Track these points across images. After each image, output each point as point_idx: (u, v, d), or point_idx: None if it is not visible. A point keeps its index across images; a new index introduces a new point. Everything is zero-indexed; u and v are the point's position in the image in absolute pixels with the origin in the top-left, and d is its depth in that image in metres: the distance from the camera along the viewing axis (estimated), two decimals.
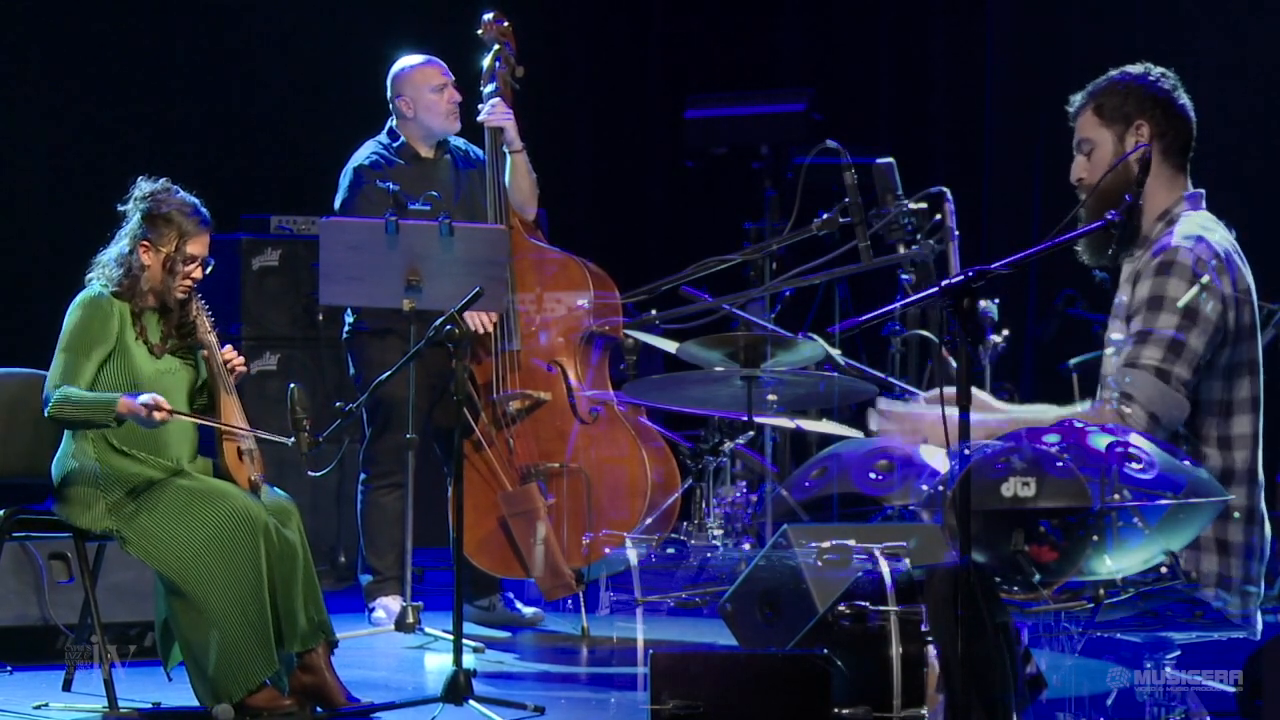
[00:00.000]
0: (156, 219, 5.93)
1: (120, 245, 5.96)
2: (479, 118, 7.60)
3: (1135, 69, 4.93)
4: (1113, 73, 4.94)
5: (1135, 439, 4.40)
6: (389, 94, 7.63)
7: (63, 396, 5.77)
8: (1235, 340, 4.70)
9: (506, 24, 7.66)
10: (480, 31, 7.67)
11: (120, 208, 6.00)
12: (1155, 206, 4.81)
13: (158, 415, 5.69)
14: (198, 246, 5.95)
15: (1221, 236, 4.78)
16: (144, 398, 5.71)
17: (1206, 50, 9.64)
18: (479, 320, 7.37)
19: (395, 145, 7.60)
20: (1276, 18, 9.71)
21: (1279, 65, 9.72)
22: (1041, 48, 10.24)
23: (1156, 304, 4.64)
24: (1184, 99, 4.90)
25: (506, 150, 7.56)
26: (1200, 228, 4.76)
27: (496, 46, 7.63)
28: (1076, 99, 4.94)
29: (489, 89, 7.61)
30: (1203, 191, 4.89)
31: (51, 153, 9.64)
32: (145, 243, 5.92)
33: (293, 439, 5.89)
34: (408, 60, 7.65)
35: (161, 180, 6.01)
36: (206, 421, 5.93)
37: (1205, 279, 4.64)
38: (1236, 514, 4.64)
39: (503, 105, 7.57)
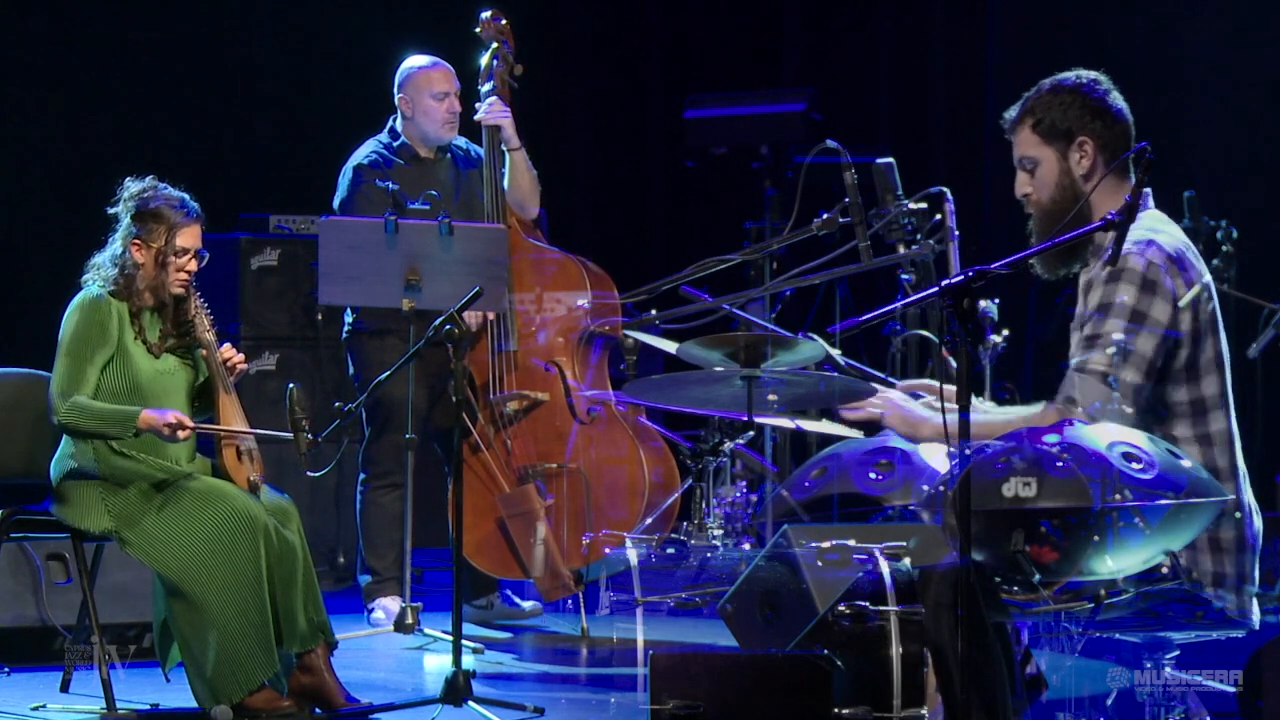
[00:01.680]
0: (145, 215, 5.94)
1: (113, 246, 5.97)
2: (476, 116, 7.60)
3: (1068, 78, 4.81)
4: (1044, 83, 4.84)
5: (1135, 438, 4.39)
6: (395, 90, 7.63)
7: (76, 406, 5.76)
8: (1196, 339, 4.68)
9: (505, 22, 7.66)
10: (478, 30, 7.67)
11: (110, 210, 6.01)
12: (1102, 213, 4.76)
13: (182, 435, 5.74)
14: (188, 238, 5.95)
15: (1172, 235, 4.75)
16: (168, 416, 5.74)
17: (1205, 49, 9.64)
18: (475, 317, 7.37)
19: (396, 144, 7.59)
20: (1276, 17, 9.71)
21: (1278, 64, 9.72)
22: (1042, 47, 10.24)
23: (1104, 310, 4.63)
24: (1120, 102, 4.81)
25: (505, 148, 7.56)
26: (1149, 230, 4.72)
27: (495, 45, 7.63)
28: (1010, 113, 4.85)
29: (487, 87, 7.60)
30: (1149, 190, 4.84)
31: (50, 152, 9.63)
32: (137, 241, 5.93)
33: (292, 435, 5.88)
34: (416, 60, 7.64)
35: (148, 178, 6.03)
36: (225, 430, 5.92)
37: (1153, 264, 4.63)
38: (1238, 514, 4.63)
39: (500, 103, 7.56)
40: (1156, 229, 4.73)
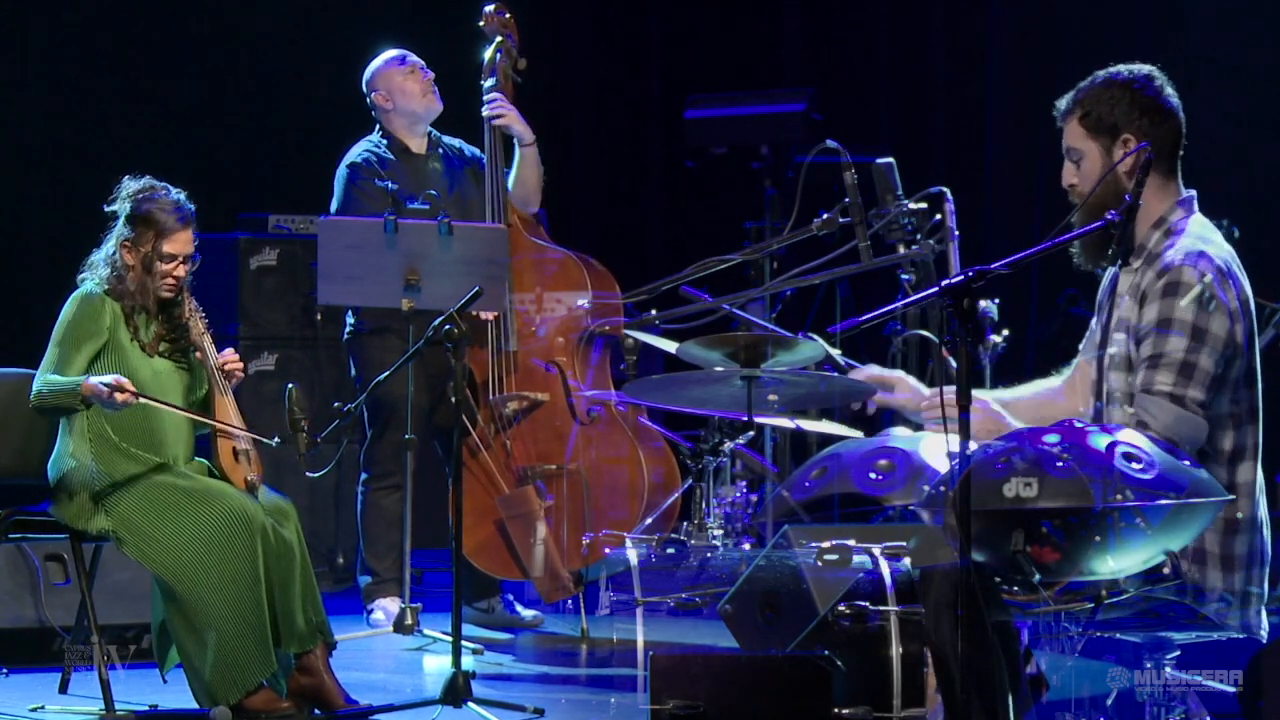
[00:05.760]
0: (135, 219, 5.94)
1: (107, 246, 5.98)
2: (486, 113, 7.56)
3: (1121, 72, 4.81)
4: (1098, 75, 4.83)
5: (1133, 438, 4.38)
6: (366, 97, 7.63)
7: (41, 384, 5.77)
8: (1244, 351, 4.68)
9: (509, 16, 7.65)
10: (482, 24, 7.67)
11: (107, 208, 6.00)
12: (1150, 214, 4.77)
13: (119, 397, 5.66)
14: (176, 245, 5.93)
15: (1219, 246, 4.75)
16: (107, 378, 5.69)
17: (1206, 49, 9.63)
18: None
19: (386, 142, 7.58)
20: (1276, 17, 9.70)
21: (1278, 64, 9.71)
22: (1042, 47, 10.23)
23: (1165, 326, 4.61)
24: (1172, 99, 4.81)
25: (518, 146, 7.54)
26: (1200, 240, 4.72)
27: (499, 39, 7.62)
28: (1062, 103, 4.85)
29: (489, 82, 7.59)
30: (1194, 194, 4.85)
31: (48, 151, 9.62)
32: (127, 243, 5.93)
33: (277, 438, 5.87)
34: (378, 59, 7.65)
35: (144, 179, 6.01)
36: (186, 413, 5.91)
37: (1208, 278, 4.62)
38: (1240, 514, 4.62)
39: (503, 100, 7.54)
40: (1206, 238, 4.72)
